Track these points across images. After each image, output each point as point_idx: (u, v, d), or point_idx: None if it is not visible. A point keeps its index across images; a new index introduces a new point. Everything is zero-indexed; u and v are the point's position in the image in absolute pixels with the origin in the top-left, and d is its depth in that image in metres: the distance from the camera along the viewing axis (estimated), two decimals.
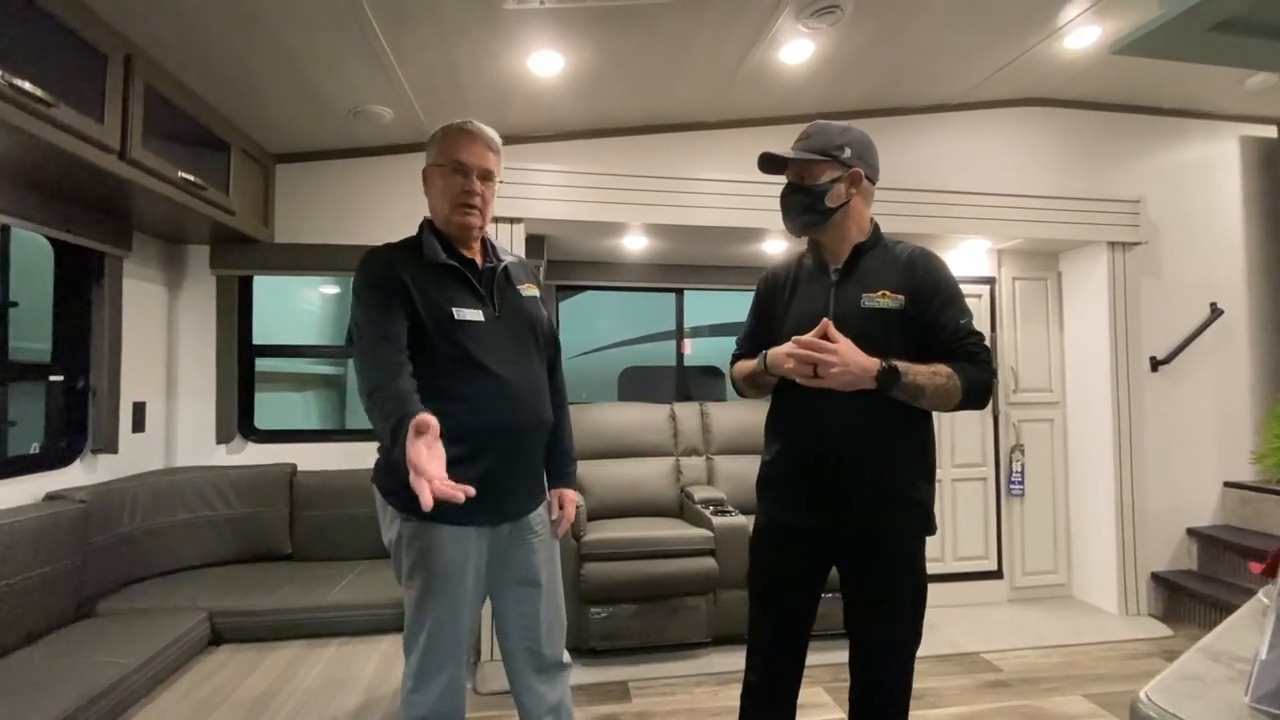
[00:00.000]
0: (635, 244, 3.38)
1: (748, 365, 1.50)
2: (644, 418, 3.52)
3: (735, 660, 2.77)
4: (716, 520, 2.91)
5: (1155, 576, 3.38)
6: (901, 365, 1.28)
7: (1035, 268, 3.68)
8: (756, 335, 1.56)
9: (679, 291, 4.06)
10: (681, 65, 2.58)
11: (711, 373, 4.71)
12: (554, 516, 1.58)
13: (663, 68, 2.58)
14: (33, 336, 2.51)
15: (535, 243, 3.18)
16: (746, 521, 2.93)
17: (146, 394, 2.71)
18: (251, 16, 1.95)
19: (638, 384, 4.61)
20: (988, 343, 1.42)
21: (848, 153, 1.40)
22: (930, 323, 1.37)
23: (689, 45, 2.42)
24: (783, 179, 1.48)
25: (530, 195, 2.84)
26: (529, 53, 2.35)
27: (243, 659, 2.07)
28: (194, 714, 1.75)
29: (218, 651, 2.13)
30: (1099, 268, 3.44)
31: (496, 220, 2.69)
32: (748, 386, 1.55)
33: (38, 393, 2.40)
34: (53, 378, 2.37)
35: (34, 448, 2.39)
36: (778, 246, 3.41)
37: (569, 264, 3.71)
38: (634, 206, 2.95)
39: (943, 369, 1.32)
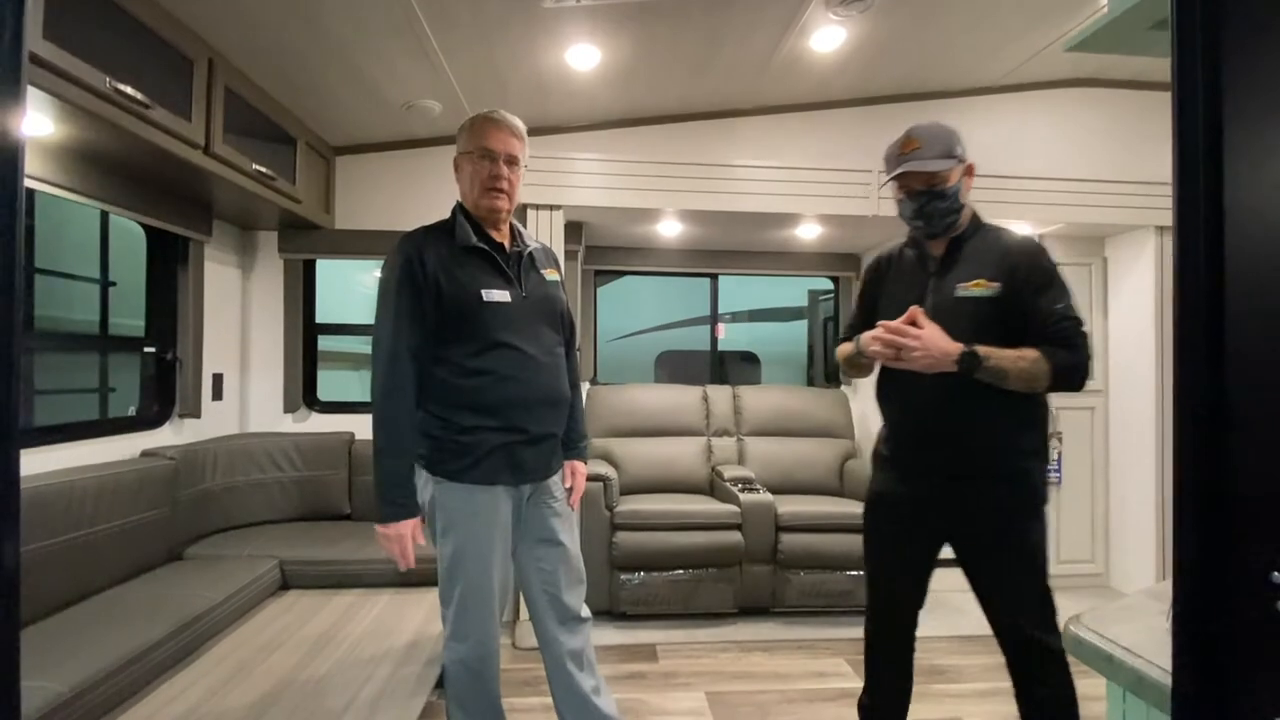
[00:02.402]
0: (670, 230, 3.48)
1: (848, 348, 1.61)
2: (677, 399, 3.64)
3: (759, 630, 2.90)
4: (744, 497, 3.01)
5: None
6: (983, 350, 1.36)
7: (1079, 253, 3.60)
8: (860, 321, 1.65)
9: (713, 277, 4.14)
10: (714, 55, 2.66)
11: (749, 358, 4.79)
12: (567, 485, 1.68)
13: (696, 58, 2.66)
14: (129, 313, 2.81)
15: (574, 229, 3.31)
16: (773, 500, 3.02)
17: (224, 366, 3.00)
18: (317, 22, 2.14)
19: (674, 367, 4.73)
20: (1086, 328, 1.44)
21: (959, 149, 1.50)
22: (1027, 308, 1.43)
23: (721, 36, 2.50)
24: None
25: (568, 183, 2.98)
26: (567, 47, 2.48)
27: (308, 602, 2.32)
28: (267, 644, 1.98)
29: (286, 595, 2.38)
30: (1146, 253, 3.34)
31: (537, 207, 2.84)
32: (848, 367, 1.65)
33: (133, 363, 2.70)
34: (146, 349, 2.67)
35: (130, 410, 2.70)
36: (812, 231, 3.45)
37: (607, 249, 3.84)
38: (669, 193, 3.04)
39: (1030, 353, 1.38)
